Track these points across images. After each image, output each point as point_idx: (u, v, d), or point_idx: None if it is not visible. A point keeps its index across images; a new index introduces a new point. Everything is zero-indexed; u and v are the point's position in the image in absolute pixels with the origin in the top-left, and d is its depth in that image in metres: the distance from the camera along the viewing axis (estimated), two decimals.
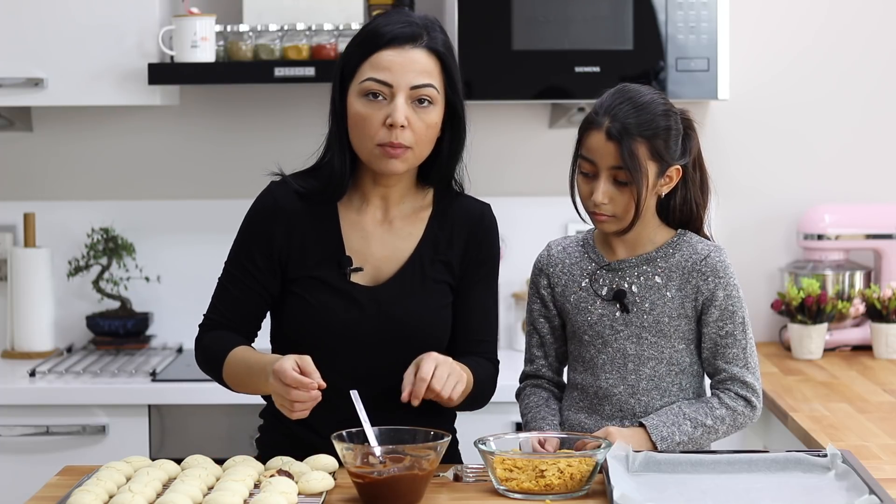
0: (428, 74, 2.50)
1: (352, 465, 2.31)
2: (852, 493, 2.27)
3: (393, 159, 2.50)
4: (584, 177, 2.57)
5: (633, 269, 2.61)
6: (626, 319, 2.60)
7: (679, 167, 2.57)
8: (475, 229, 2.64)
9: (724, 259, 2.60)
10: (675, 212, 2.63)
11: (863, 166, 4.12)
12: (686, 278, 2.59)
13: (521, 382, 2.76)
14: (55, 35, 3.73)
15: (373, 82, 2.49)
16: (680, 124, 2.57)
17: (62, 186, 4.09)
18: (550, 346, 2.71)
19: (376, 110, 2.49)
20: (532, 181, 4.08)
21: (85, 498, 2.24)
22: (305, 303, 2.57)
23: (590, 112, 2.56)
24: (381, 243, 2.60)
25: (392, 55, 2.49)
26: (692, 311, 2.59)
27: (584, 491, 2.35)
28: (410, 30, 2.50)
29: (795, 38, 4.10)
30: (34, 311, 3.94)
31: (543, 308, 2.70)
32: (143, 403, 3.58)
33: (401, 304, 2.57)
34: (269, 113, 4.09)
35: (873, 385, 3.54)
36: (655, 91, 2.58)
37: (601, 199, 2.53)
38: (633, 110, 2.52)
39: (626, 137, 2.50)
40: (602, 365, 2.62)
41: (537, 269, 2.71)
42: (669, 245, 2.61)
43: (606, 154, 2.52)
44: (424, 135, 2.51)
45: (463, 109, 2.57)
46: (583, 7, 3.73)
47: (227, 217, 3.19)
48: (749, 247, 4.10)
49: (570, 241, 2.71)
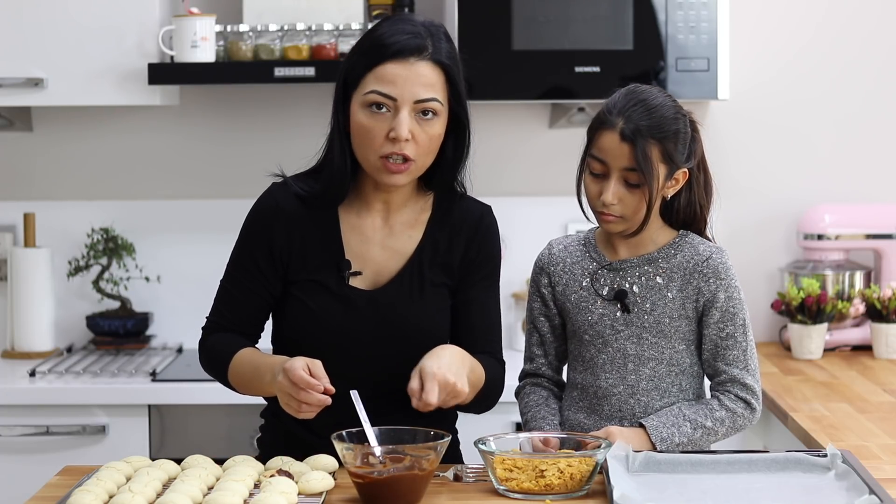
0: (432, 87, 2.49)
1: (352, 465, 2.31)
2: (852, 493, 2.27)
3: (396, 174, 2.51)
4: (593, 177, 2.56)
5: (635, 270, 2.61)
6: (627, 319, 2.60)
7: (686, 170, 2.58)
8: (475, 231, 2.63)
9: (726, 261, 2.60)
10: (679, 213, 2.63)
11: (863, 166, 4.12)
12: (687, 279, 2.59)
13: (521, 381, 2.76)
14: (55, 35, 3.73)
15: (377, 95, 2.47)
16: (688, 127, 2.58)
17: (62, 186, 4.09)
18: (550, 345, 2.71)
19: (380, 122, 2.48)
20: (532, 181, 4.08)
21: (85, 498, 2.24)
22: (304, 306, 2.57)
23: (600, 112, 2.56)
24: (381, 247, 2.60)
25: (397, 68, 2.47)
26: (693, 311, 2.59)
27: (584, 491, 2.35)
28: (415, 42, 2.48)
29: (795, 38, 4.10)
30: (34, 311, 3.94)
31: (544, 307, 2.70)
32: (143, 403, 3.58)
33: (398, 308, 2.57)
34: (269, 113, 4.09)
35: (873, 385, 3.54)
36: (665, 93, 2.58)
37: (611, 200, 2.53)
38: (646, 112, 2.52)
39: (640, 139, 2.50)
40: (602, 365, 2.62)
41: (538, 267, 2.71)
42: (671, 246, 2.61)
43: (620, 155, 2.52)
44: (427, 146, 2.51)
45: (468, 119, 2.56)
46: (583, 7, 3.73)
47: (227, 217, 3.19)
48: (749, 247, 4.10)
49: (572, 239, 2.71)
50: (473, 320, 2.64)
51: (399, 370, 2.47)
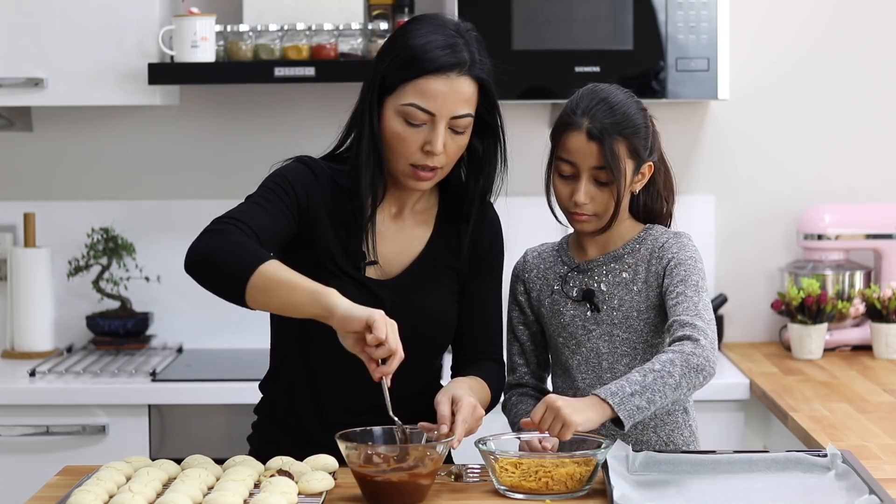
0: (468, 103, 2.50)
1: (356, 464, 2.31)
2: (852, 493, 2.27)
3: (423, 181, 2.53)
4: (562, 179, 2.59)
5: (602, 268, 2.63)
6: (597, 318, 2.61)
7: (651, 163, 2.60)
8: (483, 226, 2.66)
9: (682, 240, 2.60)
10: (644, 208, 2.66)
11: (863, 166, 4.12)
12: (647, 267, 2.60)
13: (506, 393, 2.74)
14: (55, 35, 3.73)
15: (415, 109, 2.48)
16: (650, 121, 2.60)
17: (62, 186, 4.09)
18: (531, 354, 2.72)
19: (415, 133, 2.49)
20: (532, 181, 4.05)
21: (85, 498, 2.24)
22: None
23: (563, 113, 2.58)
24: (394, 240, 2.61)
25: (438, 84, 2.47)
26: (657, 297, 2.59)
27: (584, 491, 2.35)
28: (455, 58, 2.48)
29: (795, 38, 4.10)
30: (34, 311, 3.94)
31: (521, 315, 2.72)
32: (143, 403, 3.58)
33: (414, 294, 2.58)
34: (269, 113, 4.09)
35: (873, 385, 3.54)
36: (623, 89, 2.60)
37: (584, 200, 2.55)
38: (609, 110, 2.54)
39: (607, 137, 2.52)
40: (577, 366, 2.63)
41: (514, 276, 2.73)
42: (636, 240, 2.63)
43: (588, 155, 2.54)
44: (456, 155, 2.54)
45: (503, 131, 2.58)
46: (583, 7, 3.73)
47: None
48: (749, 246, 4.10)
49: (547, 247, 2.74)
50: (476, 318, 2.66)
51: (410, 356, 2.47)
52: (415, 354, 2.47)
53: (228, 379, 3.60)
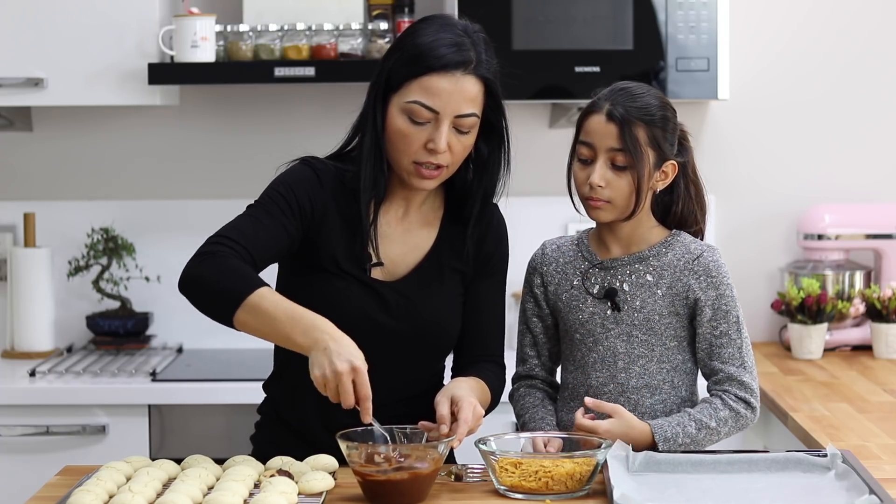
0: (473, 102, 2.50)
1: (357, 463, 2.31)
2: (852, 493, 2.27)
3: (427, 180, 2.52)
4: (581, 164, 2.59)
5: (625, 268, 2.62)
6: (617, 318, 2.61)
7: (675, 164, 2.60)
8: (489, 227, 2.66)
9: (718, 259, 2.61)
10: (675, 218, 2.65)
11: (863, 166, 4.12)
12: (677, 276, 2.59)
13: (515, 384, 2.75)
14: (55, 35, 3.73)
15: (419, 106, 2.47)
16: (677, 120, 2.60)
17: (62, 186, 4.09)
18: (543, 346, 2.72)
19: (419, 131, 2.49)
20: (532, 181, 4.08)
21: (85, 498, 2.24)
22: (322, 291, 2.56)
23: (588, 103, 2.59)
24: (400, 242, 2.61)
25: (443, 82, 2.47)
26: (683, 309, 2.59)
27: (584, 491, 2.35)
28: (461, 56, 2.48)
29: (795, 38, 4.10)
30: (34, 311, 3.94)
31: (536, 307, 2.71)
32: (143, 403, 3.58)
33: (419, 296, 2.58)
34: (269, 113, 4.09)
35: (873, 385, 3.54)
36: (652, 88, 2.61)
37: (598, 181, 2.54)
38: (631, 97, 2.55)
39: (627, 119, 2.52)
40: (592, 364, 2.63)
41: (531, 267, 2.72)
42: (662, 244, 2.62)
43: (606, 135, 2.54)
44: (461, 155, 2.54)
45: (507, 132, 2.57)
46: (583, 7, 3.73)
47: (227, 217, 3.17)
48: (749, 246, 4.10)
49: (566, 240, 2.72)
50: (478, 320, 2.66)
51: (413, 359, 2.47)
52: (418, 356, 2.47)
53: (228, 379, 3.60)
